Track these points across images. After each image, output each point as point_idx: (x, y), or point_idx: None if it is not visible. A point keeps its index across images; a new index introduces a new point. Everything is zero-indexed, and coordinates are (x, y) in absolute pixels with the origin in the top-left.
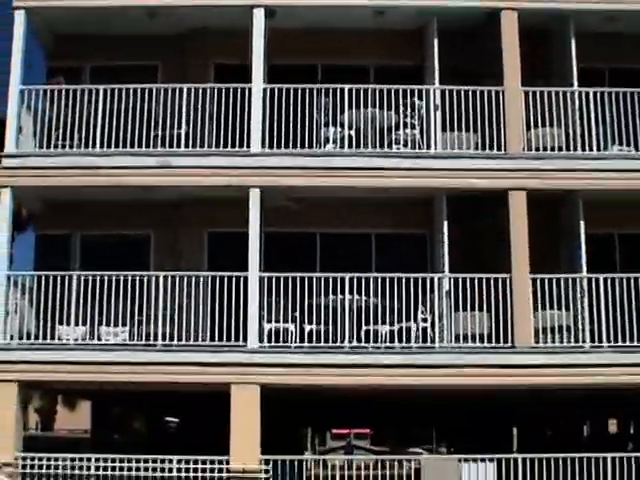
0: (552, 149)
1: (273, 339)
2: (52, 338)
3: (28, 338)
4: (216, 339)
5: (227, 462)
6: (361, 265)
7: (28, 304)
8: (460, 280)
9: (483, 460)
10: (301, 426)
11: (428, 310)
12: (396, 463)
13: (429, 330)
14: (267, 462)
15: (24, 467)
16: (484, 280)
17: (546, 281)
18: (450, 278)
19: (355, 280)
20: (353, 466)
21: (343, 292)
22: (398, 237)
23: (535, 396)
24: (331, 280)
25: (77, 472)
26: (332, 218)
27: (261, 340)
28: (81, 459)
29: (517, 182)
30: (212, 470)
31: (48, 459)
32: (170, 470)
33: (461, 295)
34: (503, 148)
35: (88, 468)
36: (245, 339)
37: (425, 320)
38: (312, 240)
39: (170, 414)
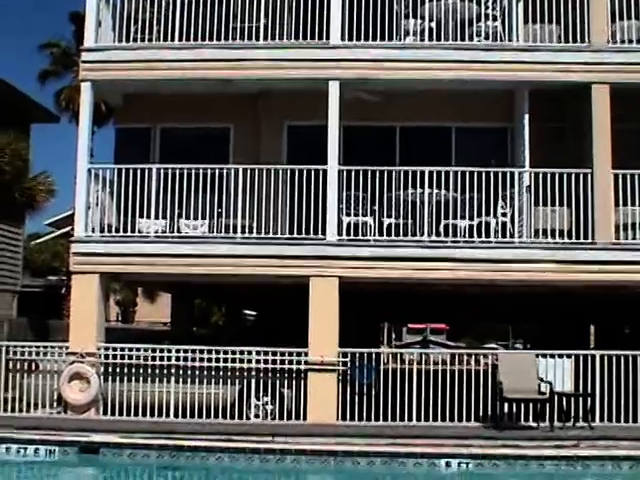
0: (638, 42)
1: (352, 232)
2: (132, 231)
3: (109, 231)
4: (295, 232)
5: (305, 354)
6: (441, 159)
7: (109, 197)
8: (540, 175)
9: (560, 356)
10: (378, 321)
11: (508, 205)
12: (472, 358)
13: (509, 225)
14: (344, 355)
15: (106, 357)
16: (565, 175)
17: (628, 177)
18: (530, 173)
19: (434, 174)
20: (430, 361)
21: (422, 186)
22: (478, 131)
23: (614, 293)
24: (410, 174)
25: (157, 362)
26: (412, 111)
27: (340, 233)
28: (161, 350)
29: (600, 76)
30: (291, 362)
31: (129, 349)
32: (249, 361)
33: (541, 190)
34: (587, 41)
35: (168, 359)
36: (324, 232)
37: (505, 215)
38: (391, 133)
39: (248, 308)
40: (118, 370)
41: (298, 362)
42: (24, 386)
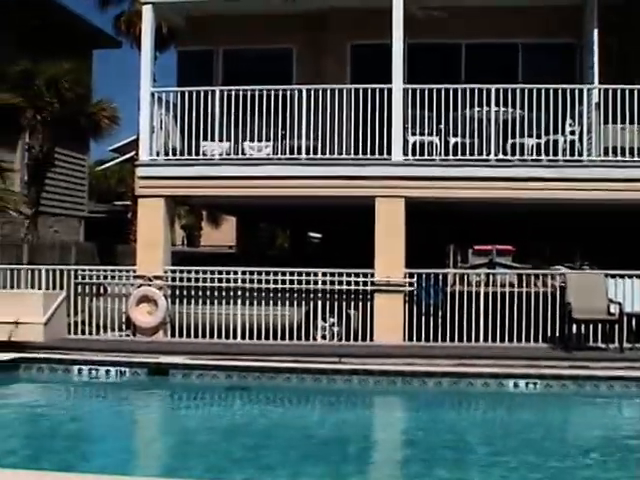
0: None
1: (418, 152)
2: (197, 154)
3: (174, 154)
4: (360, 153)
5: (372, 275)
6: (507, 76)
7: (172, 121)
8: (610, 91)
9: (630, 277)
10: (444, 242)
11: (576, 122)
12: (540, 280)
13: (577, 143)
14: (411, 275)
15: (172, 280)
16: (635, 92)
17: None
18: (600, 89)
19: (501, 91)
20: (497, 283)
21: (489, 104)
22: (546, 47)
23: None
24: (476, 91)
25: (224, 285)
26: (477, 28)
27: (405, 153)
28: (227, 272)
29: None
30: (357, 283)
31: (196, 272)
32: (315, 283)
33: (611, 107)
34: None
35: (235, 281)
36: (389, 152)
37: (573, 133)
38: (457, 51)
39: (313, 230)
40: (185, 293)
41: (364, 283)
42: (93, 309)
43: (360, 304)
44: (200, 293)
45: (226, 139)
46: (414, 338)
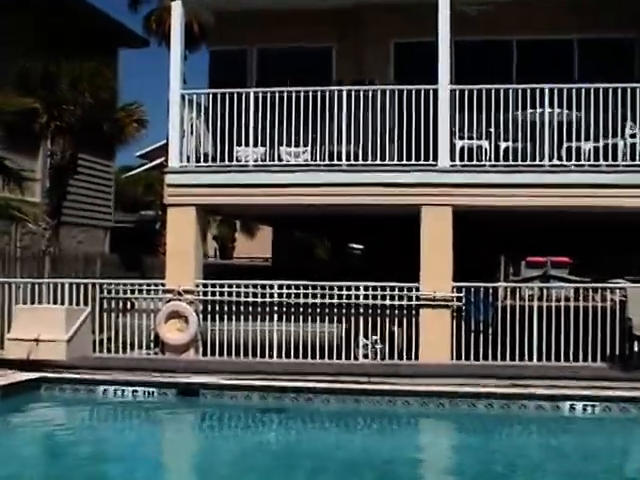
0: None
1: (466, 157)
2: (230, 160)
3: (205, 160)
4: (404, 158)
5: (417, 289)
6: (562, 74)
7: (204, 125)
8: None
9: None
10: (494, 253)
11: (637, 125)
12: (598, 294)
13: (638, 147)
14: (459, 289)
15: (204, 294)
16: None
17: None
18: None
19: (555, 91)
20: (551, 297)
21: (542, 105)
22: (604, 42)
23: None
24: (529, 92)
25: (259, 299)
26: (529, 23)
27: (453, 159)
28: (263, 286)
29: None
30: (401, 298)
31: (229, 286)
32: (357, 298)
33: None
34: None
35: (271, 295)
36: (435, 158)
37: (634, 136)
38: (507, 48)
39: (354, 241)
40: (218, 308)
41: (409, 298)
42: (119, 326)
43: (404, 320)
44: (234, 309)
45: (261, 144)
46: (462, 357)
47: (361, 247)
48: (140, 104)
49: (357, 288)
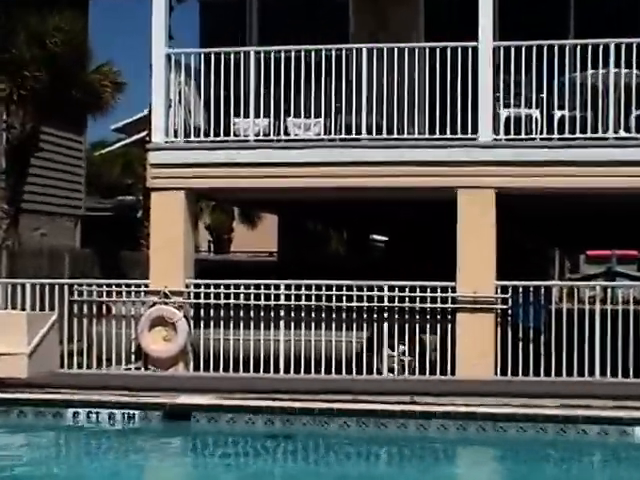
0: None
1: (512, 130)
2: (226, 134)
3: (196, 135)
4: (437, 132)
5: (453, 289)
6: (630, 28)
7: (195, 91)
8: None
9: None
10: (547, 246)
11: None
12: None
13: None
14: (504, 289)
15: (196, 297)
16: None
17: None
18: None
19: (622, 48)
20: (617, 299)
21: (606, 65)
22: None
23: None
24: (590, 49)
25: (262, 302)
26: None
27: (496, 131)
28: (267, 286)
29: None
30: (434, 300)
31: (226, 286)
32: (380, 300)
33: None
34: None
35: (276, 297)
36: (475, 130)
37: None
38: None
39: (377, 232)
40: (212, 313)
41: (443, 300)
42: (93, 335)
43: (438, 327)
44: (232, 314)
45: (264, 115)
46: (508, 371)
47: (385, 239)
48: (115, 66)
49: (380, 288)
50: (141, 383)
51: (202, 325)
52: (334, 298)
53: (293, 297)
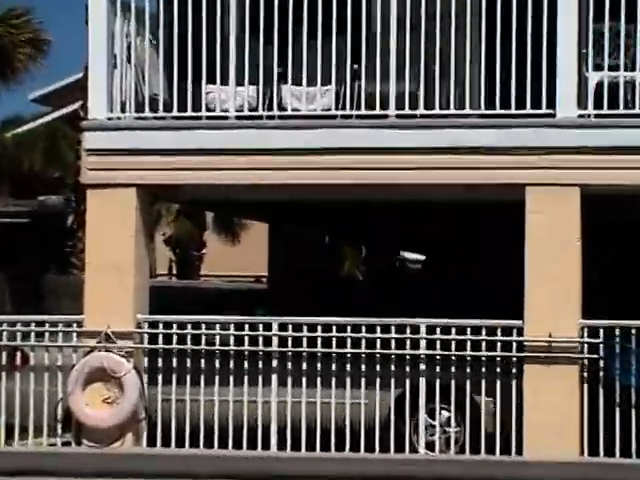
0: None
1: (605, 102)
2: (196, 108)
3: (153, 109)
4: (497, 105)
5: (519, 330)
6: None
7: (150, 48)
8: None
9: None
10: None
11: None
12: None
13: None
14: (593, 332)
15: (152, 340)
16: None
17: None
18: None
19: None
20: None
21: None
22: None
23: None
24: None
25: (246, 348)
26: None
27: (582, 105)
28: (253, 326)
29: None
30: (491, 345)
31: (195, 326)
32: (414, 344)
33: None
34: None
35: (266, 341)
36: (552, 104)
37: None
38: None
39: (408, 248)
40: (175, 363)
41: (505, 345)
42: (1, 395)
43: (498, 384)
44: (203, 365)
45: (250, 81)
46: (600, 450)
47: (421, 258)
48: (34, 15)
49: (415, 329)
50: (71, 465)
51: (160, 381)
52: (348, 342)
53: (290, 341)
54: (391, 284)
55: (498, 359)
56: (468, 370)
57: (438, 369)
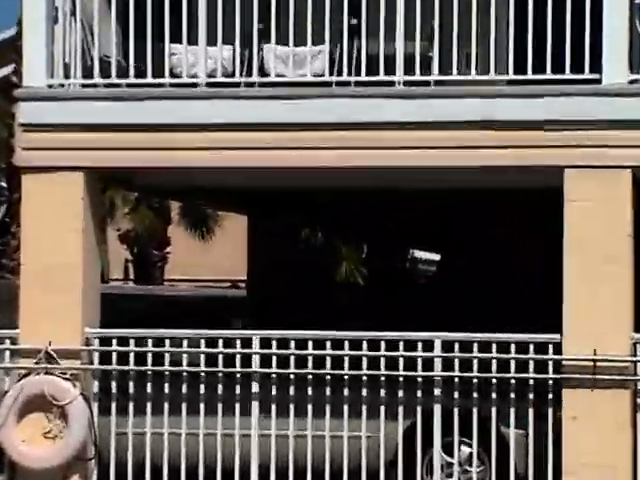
0: None
1: None
2: (158, 74)
3: (105, 74)
4: (528, 70)
5: (556, 347)
6: None
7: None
8: None
9: None
10: None
11: None
12: None
13: None
14: None
15: (103, 360)
16: None
17: None
18: None
19: None
20: None
21: None
22: None
23: None
24: None
25: (220, 369)
26: None
27: (635, 68)
28: (229, 341)
29: None
30: (521, 365)
31: (157, 342)
32: (427, 365)
33: None
34: None
35: (245, 361)
36: (596, 67)
37: None
38: None
39: (420, 246)
40: (132, 388)
41: (539, 366)
42: None
43: (530, 412)
44: (166, 390)
45: (225, 40)
46: None
47: (435, 258)
48: None
49: (429, 345)
50: None
51: (114, 410)
52: (346, 362)
53: (275, 360)
54: (399, 290)
55: (531, 382)
56: (494, 396)
57: (457, 394)
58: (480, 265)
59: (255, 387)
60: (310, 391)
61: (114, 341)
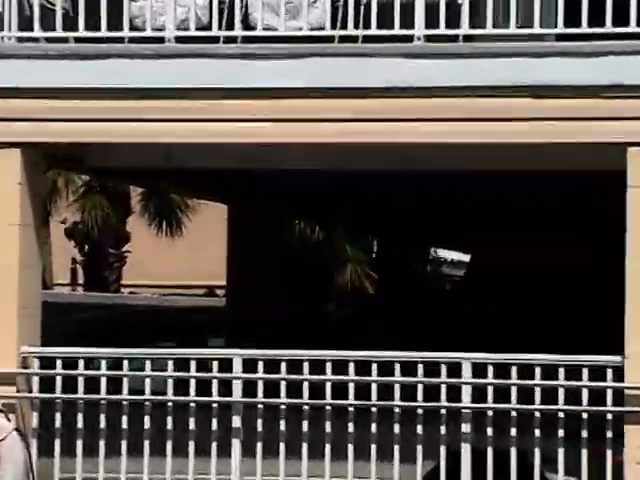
0: None
1: None
2: (114, 26)
3: (47, 27)
4: (582, 22)
5: (617, 372)
6: None
7: None
8: None
9: None
10: None
11: None
12: None
13: None
14: None
15: (47, 386)
16: None
17: None
18: None
19: None
20: None
21: None
22: None
23: None
24: None
25: (193, 398)
26: None
27: None
28: (204, 364)
29: None
30: (572, 394)
31: (113, 364)
32: (454, 394)
33: None
34: None
35: (224, 388)
36: None
37: None
38: None
39: (444, 244)
40: (81, 421)
41: (596, 396)
42: None
43: (583, 454)
44: (124, 424)
45: None
46: None
47: (464, 259)
48: None
49: (455, 369)
50: None
51: (58, 449)
52: (351, 389)
53: (261, 386)
54: (417, 299)
55: (584, 416)
56: (537, 433)
57: (490, 431)
58: (521, 267)
59: (237, 421)
60: (305, 426)
61: (59, 362)
